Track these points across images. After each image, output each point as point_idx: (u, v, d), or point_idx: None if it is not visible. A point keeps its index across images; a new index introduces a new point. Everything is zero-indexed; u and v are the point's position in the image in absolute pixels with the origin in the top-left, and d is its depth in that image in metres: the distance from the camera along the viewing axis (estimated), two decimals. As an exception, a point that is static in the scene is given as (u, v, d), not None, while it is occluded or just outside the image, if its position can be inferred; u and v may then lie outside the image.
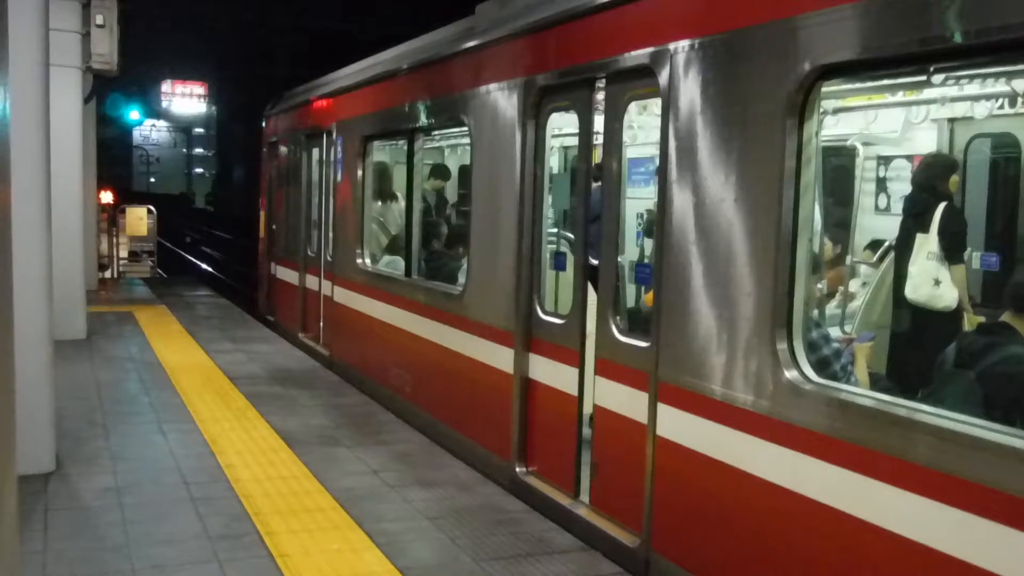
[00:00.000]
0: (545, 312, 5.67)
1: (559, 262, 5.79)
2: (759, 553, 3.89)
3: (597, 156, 5.33)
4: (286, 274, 12.24)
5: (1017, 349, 3.91)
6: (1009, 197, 6.18)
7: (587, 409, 5.26)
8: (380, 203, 9.45)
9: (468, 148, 6.72)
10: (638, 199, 7.32)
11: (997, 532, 2.91)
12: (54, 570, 4.42)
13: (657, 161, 4.62)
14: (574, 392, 5.28)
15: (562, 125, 6.37)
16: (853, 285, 6.31)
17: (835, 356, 4.30)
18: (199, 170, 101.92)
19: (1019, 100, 5.19)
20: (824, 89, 3.79)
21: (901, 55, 3.36)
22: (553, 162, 6.15)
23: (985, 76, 4.86)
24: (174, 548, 4.70)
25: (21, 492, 2.54)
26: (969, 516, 2.99)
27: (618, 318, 5.03)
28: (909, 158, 6.33)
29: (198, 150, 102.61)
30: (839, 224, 6.30)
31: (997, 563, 2.91)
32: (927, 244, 5.36)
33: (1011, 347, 3.91)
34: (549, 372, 5.57)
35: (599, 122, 5.20)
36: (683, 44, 4.33)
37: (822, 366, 4.04)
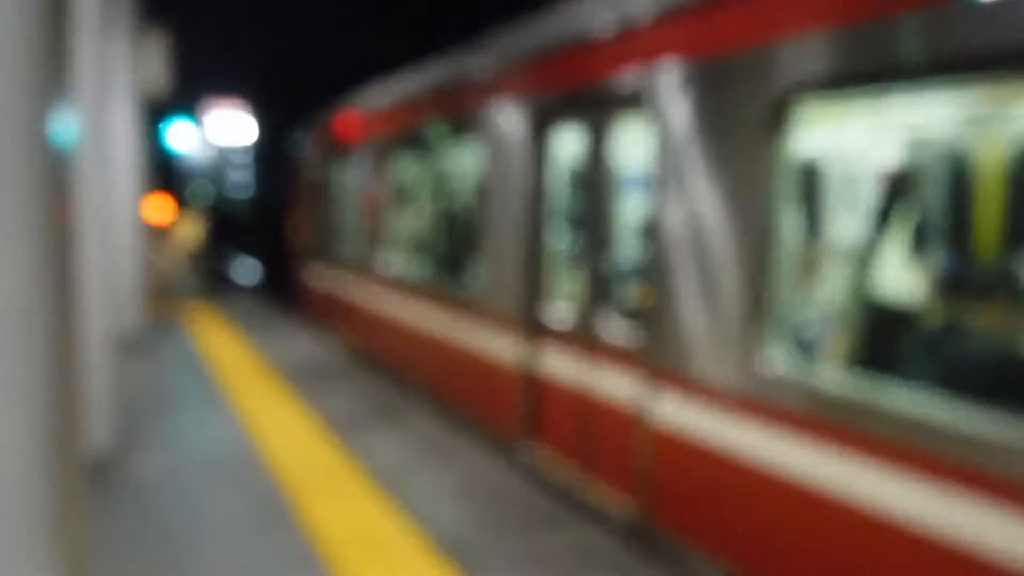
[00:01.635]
0: (554, 310, 6.16)
1: (570, 265, 6.32)
2: (750, 528, 4.32)
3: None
4: (322, 276, 13.00)
5: (982, 342, 4.19)
6: (968, 202, 6.51)
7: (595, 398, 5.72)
8: (406, 210, 10.04)
9: (482, 161, 7.32)
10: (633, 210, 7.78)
11: (973, 509, 3.20)
12: (114, 547, 4.73)
13: (645, 176, 5.18)
14: (584, 384, 5.74)
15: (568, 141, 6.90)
16: (826, 284, 6.68)
17: (810, 348, 4.72)
18: (240, 182, 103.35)
19: (972, 115, 5.59)
20: (796, 109, 4.14)
21: (860, 75, 3.79)
22: (559, 173, 6.69)
23: (943, 93, 5.27)
24: (223, 524, 5.09)
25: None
26: (940, 493, 3.30)
27: (613, 315, 5.56)
28: (877, 170, 6.68)
29: (238, 164, 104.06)
30: (812, 231, 6.70)
31: (964, 534, 3.21)
32: (894, 245, 5.76)
33: (976, 340, 4.19)
34: (559, 365, 6.08)
35: (600, 139, 5.71)
36: (666, 70, 4.86)
37: (798, 357, 4.40)
